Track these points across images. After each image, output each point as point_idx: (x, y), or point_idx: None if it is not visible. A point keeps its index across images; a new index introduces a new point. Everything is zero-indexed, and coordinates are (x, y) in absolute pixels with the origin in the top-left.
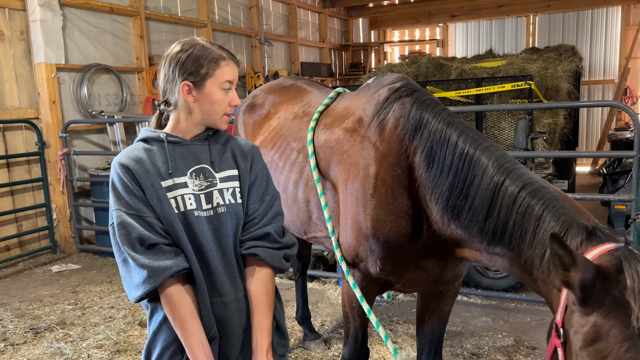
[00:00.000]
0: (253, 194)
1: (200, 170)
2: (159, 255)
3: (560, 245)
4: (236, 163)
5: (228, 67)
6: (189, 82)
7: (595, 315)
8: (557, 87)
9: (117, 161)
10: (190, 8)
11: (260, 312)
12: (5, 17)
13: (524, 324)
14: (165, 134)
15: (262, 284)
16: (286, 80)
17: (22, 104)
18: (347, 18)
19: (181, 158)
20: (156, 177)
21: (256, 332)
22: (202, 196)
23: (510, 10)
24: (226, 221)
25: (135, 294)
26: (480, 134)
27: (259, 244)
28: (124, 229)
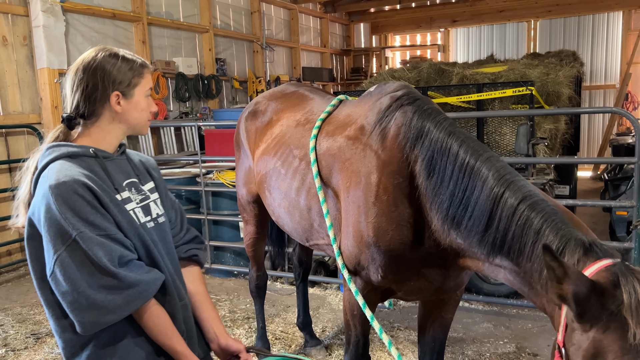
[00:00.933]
0: (167, 202)
1: (132, 184)
2: (139, 270)
3: (552, 257)
4: (150, 175)
5: (149, 75)
6: (119, 91)
7: (593, 331)
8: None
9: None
10: (192, 13)
11: (209, 305)
12: (8, 23)
13: (526, 330)
14: (93, 148)
15: (200, 282)
16: (288, 87)
17: (25, 109)
18: (348, 23)
19: (114, 173)
20: (111, 192)
21: (210, 321)
22: (140, 209)
23: (511, 16)
24: (167, 230)
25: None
26: (481, 144)
27: (194, 247)
28: (102, 249)
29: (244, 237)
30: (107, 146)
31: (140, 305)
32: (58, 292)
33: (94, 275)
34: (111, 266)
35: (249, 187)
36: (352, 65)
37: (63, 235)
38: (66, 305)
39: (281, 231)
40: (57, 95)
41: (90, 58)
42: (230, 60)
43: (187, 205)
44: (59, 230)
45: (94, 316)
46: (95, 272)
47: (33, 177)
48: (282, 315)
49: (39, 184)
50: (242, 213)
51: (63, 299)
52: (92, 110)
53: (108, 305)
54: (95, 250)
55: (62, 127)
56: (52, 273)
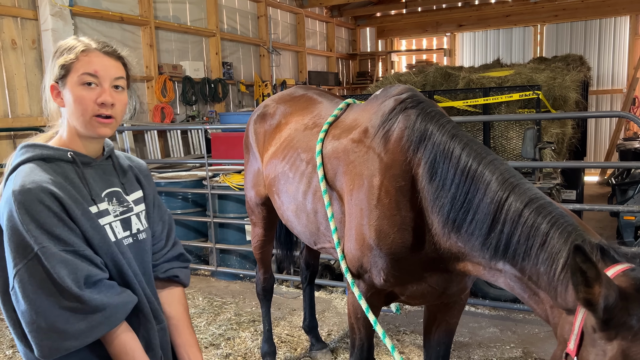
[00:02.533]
0: (155, 215)
1: (113, 194)
2: (108, 292)
3: (584, 258)
4: (139, 183)
5: (87, 58)
6: (54, 82)
7: (620, 339)
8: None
9: (30, 186)
10: (199, 17)
11: (186, 330)
12: (18, 27)
13: (532, 335)
14: (72, 152)
15: (180, 304)
16: (297, 91)
17: (33, 112)
18: (354, 27)
19: (93, 181)
20: (84, 203)
21: (187, 348)
22: (119, 222)
23: (517, 20)
24: (147, 247)
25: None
26: (484, 147)
27: (175, 265)
28: (65, 267)
29: (252, 239)
30: (82, 148)
31: (106, 331)
32: (18, 310)
33: (54, 295)
34: (75, 287)
35: (257, 190)
36: (358, 70)
37: (24, 248)
38: (24, 325)
39: (290, 234)
40: None
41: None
42: (236, 64)
43: (194, 208)
44: (20, 242)
45: (54, 340)
46: (56, 292)
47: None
48: (287, 319)
49: (6, 186)
50: (250, 215)
51: (22, 318)
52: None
53: (69, 330)
54: (57, 269)
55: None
56: (13, 288)
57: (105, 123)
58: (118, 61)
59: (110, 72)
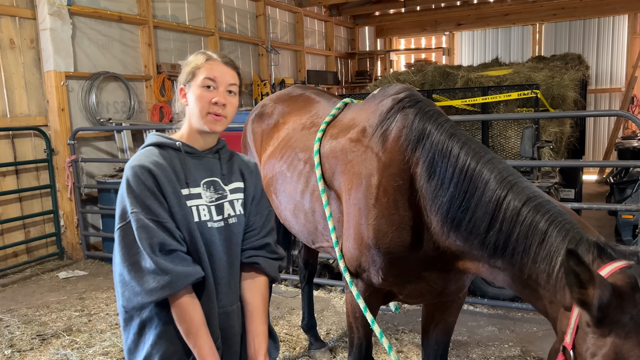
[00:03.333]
0: (255, 207)
1: (212, 183)
2: (177, 261)
3: (577, 262)
4: (243, 176)
5: (209, 66)
6: (183, 85)
7: (614, 336)
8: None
9: (137, 163)
10: (197, 17)
11: (257, 319)
12: (16, 26)
13: (531, 334)
14: (181, 142)
15: (259, 292)
16: (295, 90)
17: (32, 111)
18: (353, 26)
19: (195, 169)
20: (177, 185)
21: (253, 337)
22: (214, 208)
23: (516, 19)
24: (238, 231)
25: (147, 299)
26: (482, 146)
27: (259, 254)
28: (145, 232)
29: None
30: (193, 142)
31: (167, 294)
32: (113, 262)
33: (135, 255)
34: (148, 250)
35: None
36: (356, 69)
37: (124, 212)
38: (115, 275)
39: (287, 233)
40: (64, 98)
41: None
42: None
43: None
44: (122, 206)
45: (129, 293)
46: (137, 252)
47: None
48: (286, 318)
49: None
50: None
51: (114, 270)
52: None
53: (137, 287)
54: (139, 232)
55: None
56: (114, 243)
57: (216, 120)
58: (234, 70)
59: (225, 78)
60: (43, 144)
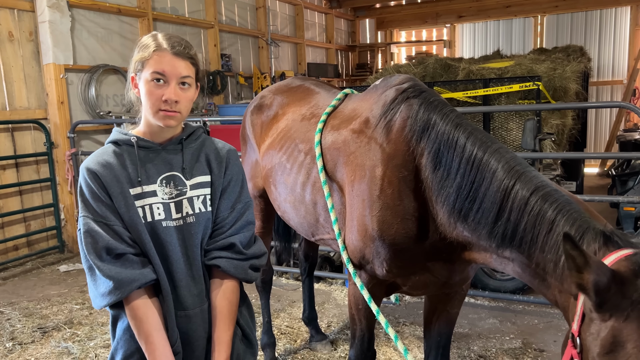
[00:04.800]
0: (224, 202)
1: (171, 178)
2: (126, 265)
3: (572, 246)
4: (210, 168)
5: (158, 57)
6: (133, 74)
7: (613, 321)
8: (565, 87)
9: (84, 166)
10: (197, 9)
11: (221, 325)
12: (15, 19)
13: (532, 326)
14: (136, 137)
15: (224, 296)
16: (294, 81)
17: (31, 104)
18: (353, 19)
19: (152, 164)
20: (125, 184)
21: (215, 345)
22: (172, 205)
23: (518, 11)
24: (195, 231)
25: (100, 302)
26: (489, 135)
27: (223, 255)
28: (90, 237)
29: None
30: (152, 135)
31: (115, 299)
32: None
33: (84, 257)
34: (93, 256)
35: (255, 181)
36: (357, 61)
37: (79, 214)
38: None
39: (288, 226)
40: (63, 91)
41: None
42: (235, 56)
43: None
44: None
45: (92, 294)
46: (84, 255)
47: None
48: (287, 310)
49: None
50: None
51: None
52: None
53: (94, 290)
54: (85, 237)
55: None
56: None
57: (170, 116)
58: (186, 60)
59: (177, 71)
60: (43, 137)
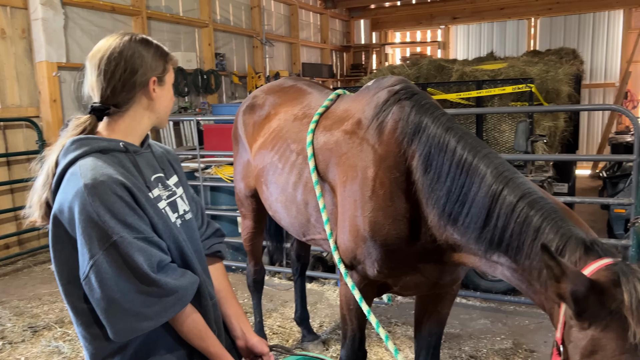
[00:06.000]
0: (188, 194)
1: (159, 180)
2: (176, 275)
3: (549, 257)
4: (173, 168)
5: (172, 70)
6: (155, 77)
7: (592, 329)
8: (558, 90)
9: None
10: (192, 8)
11: (234, 302)
12: (7, 16)
13: (523, 326)
14: (123, 142)
15: (225, 278)
16: (287, 81)
17: (23, 102)
18: (348, 19)
19: (144, 169)
20: (145, 191)
21: (236, 319)
22: (168, 207)
23: (511, 13)
24: (194, 227)
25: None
26: (479, 140)
27: (215, 242)
28: (143, 254)
29: (242, 231)
30: (135, 138)
31: (178, 311)
32: (92, 298)
33: (131, 281)
34: (151, 272)
35: (247, 181)
36: (352, 62)
37: (100, 238)
38: (100, 311)
39: (279, 226)
40: (56, 89)
41: (123, 43)
42: (229, 55)
43: None
44: (96, 233)
45: (130, 323)
46: (133, 277)
47: (55, 171)
48: (279, 310)
49: (68, 180)
50: (239, 207)
51: (97, 305)
52: (128, 98)
53: (145, 312)
54: (136, 256)
55: (89, 119)
56: (87, 278)
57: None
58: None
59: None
60: (35, 135)
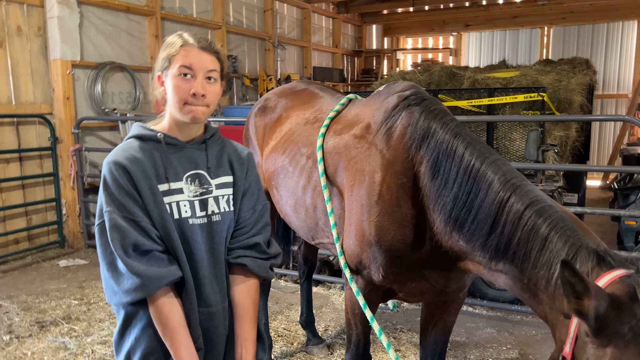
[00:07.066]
0: (246, 203)
1: (196, 176)
2: (152, 263)
3: (571, 273)
4: (232, 169)
5: (185, 52)
6: (160, 72)
7: (612, 347)
8: (570, 99)
9: (112, 159)
10: (205, 9)
11: (247, 323)
12: (24, 13)
13: (529, 337)
14: (162, 134)
15: (249, 295)
16: (299, 85)
17: (37, 99)
18: (360, 24)
19: (177, 162)
20: (154, 181)
21: (242, 342)
22: (197, 203)
23: (525, 22)
24: (220, 229)
25: (121, 299)
26: (487, 147)
27: (248, 254)
28: (117, 233)
29: None
30: (177, 132)
31: (140, 296)
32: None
33: (104, 254)
34: (120, 252)
35: None
36: (363, 67)
37: (101, 209)
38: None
39: (287, 228)
40: (70, 86)
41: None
42: (241, 58)
43: None
44: (100, 203)
45: (109, 291)
46: (105, 251)
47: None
48: (285, 313)
49: None
50: None
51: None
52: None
53: (113, 287)
54: (111, 232)
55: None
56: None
57: (196, 110)
58: (212, 55)
59: (203, 64)
60: (47, 132)
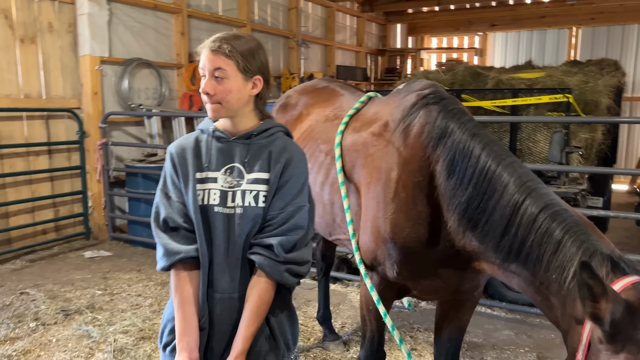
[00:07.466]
0: (277, 201)
1: (233, 169)
2: (175, 238)
3: (590, 275)
4: (269, 166)
5: (202, 56)
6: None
7: (626, 353)
8: (597, 101)
9: (170, 147)
10: (231, 7)
11: (246, 319)
12: (55, 10)
13: (548, 340)
14: (214, 127)
15: (256, 293)
16: (320, 82)
17: (66, 93)
18: (385, 23)
19: (220, 153)
20: (192, 167)
21: (237, 336)
22: (229, 194)
23: (552, 22)
24: (239, 223)
25: (157, 265)
26: (504, 148)
27: (261, 252)
28: (157, 207)
29: None
30: (226, 127)
31: (161, 265)
32: None
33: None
34: (154, 224)
35: None
36: (386, 66)
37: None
38: None
39: None
40: (98, 82)
41: None
42: None
43: None
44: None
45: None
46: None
47: None
48: (302, 309)
49: None
50: None
51: None
52: None
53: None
54: (155, 207)
55: None
56: None
57: (211, 108)
58: (221, 55)
59: (211, 64)
60: (76, 126)
